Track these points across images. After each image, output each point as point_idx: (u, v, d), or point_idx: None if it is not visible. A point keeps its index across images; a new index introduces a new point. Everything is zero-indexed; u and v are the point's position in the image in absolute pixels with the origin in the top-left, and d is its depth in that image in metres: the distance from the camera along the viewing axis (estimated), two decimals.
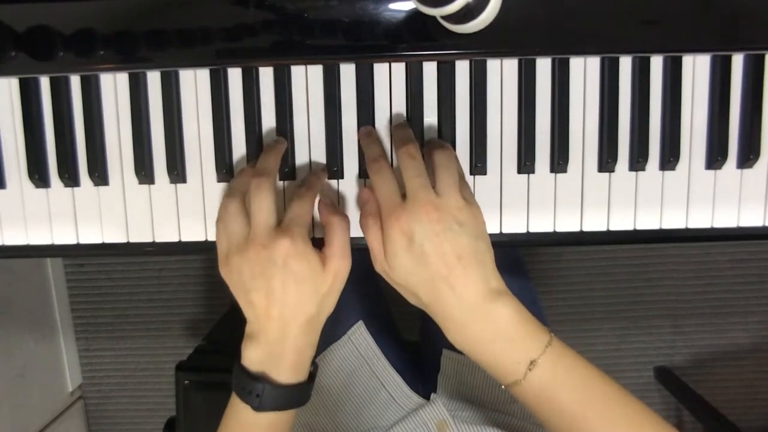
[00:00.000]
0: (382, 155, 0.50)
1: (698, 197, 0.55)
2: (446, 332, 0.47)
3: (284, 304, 0.46)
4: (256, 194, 0.47)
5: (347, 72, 0.54)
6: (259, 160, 0.51)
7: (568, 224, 0.55)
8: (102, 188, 0.56)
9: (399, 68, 0.54)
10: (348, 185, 0.55)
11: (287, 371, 0.47)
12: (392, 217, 0.45)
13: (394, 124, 0.54)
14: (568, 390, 0.44)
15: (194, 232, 0.56)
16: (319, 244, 0.50)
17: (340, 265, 0.48)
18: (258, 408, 0.47)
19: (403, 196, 0.47)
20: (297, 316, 0.47)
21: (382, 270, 0.48)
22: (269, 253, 0.46)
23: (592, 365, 0.46)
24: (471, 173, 0.54)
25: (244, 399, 0.47)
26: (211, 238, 0.56)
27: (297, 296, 0.46)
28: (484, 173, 0.54)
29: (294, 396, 0.48)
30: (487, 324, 0.45)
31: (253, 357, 0.48)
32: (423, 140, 0.54)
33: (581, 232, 0.55)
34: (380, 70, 0.54)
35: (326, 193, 0.54)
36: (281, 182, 0.55)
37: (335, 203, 0.54)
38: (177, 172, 0.55)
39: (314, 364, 0.51)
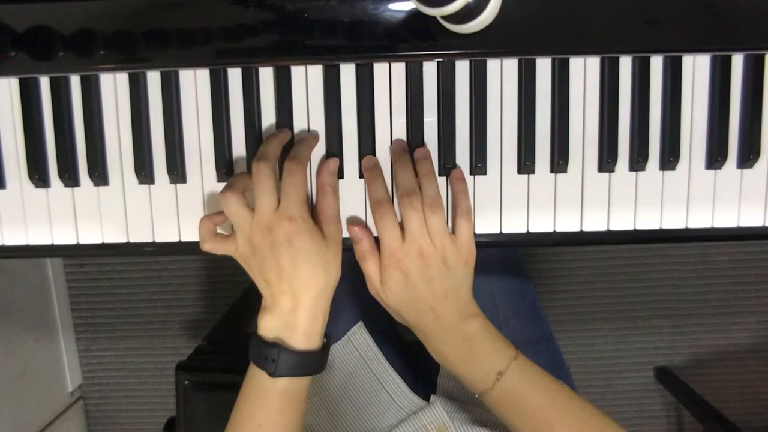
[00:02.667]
0: (386, 199, 0.53)
1: (698, 197, 0.55)
2: (427, 347, 0.54)
3: (296, 279, 0.49)
4: (258, 178, 0.49)
5: (347, 72, 0.54)
6: (261, 147, 0.52)
7: (568, 224, 0.55)
8: (102, 188, 0.56)
9: (399, 68, 0.54)
10: (348, 185, 0.55)
11: (301, 337, 0.50)
12: (393, 258, 0.51)
13: (393, 151, 0.54)
14: (531, 398, 0.51)
15: (194, 232, 0.56)
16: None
17: (331, 228, 0.52)
18: (274, 373, 0.49)
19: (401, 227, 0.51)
20: (309, 288, 0.50)
21: (375, 294, 0.54)
22: (273, 236, 0.49)
23: (554, 378, 0.52)
24: (471, 173, 0.54)
25: (261, 365, 0.49)
26: None
27: (307, 270, 0.49)
28: (484, 173, 0.54)
29: (308, 362, 0.51)
30: (461, 341, 0.52)
31: (269, 326, 0.50)
32: (422, 140, 0.54)
33: (581, 232, 0.55)
34: (380, 70, 0.54)
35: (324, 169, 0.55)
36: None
37: (336, 167, 0.55)
38: (177, 172, 0.55)
39: (327, 336, 0.54)
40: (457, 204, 0.53)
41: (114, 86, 0.55)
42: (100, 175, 0.55)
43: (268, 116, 0.54)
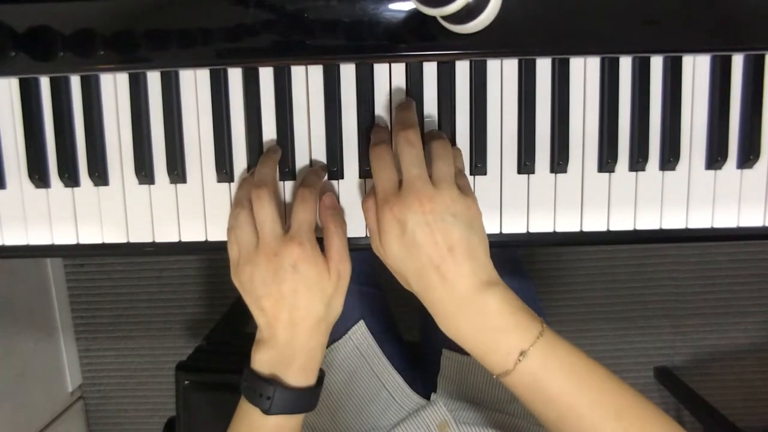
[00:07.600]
0: (385, 141, 0.49)
1: (698, 197, 0.55)
2: (436, 320, 0.46)
3: (294, 308, 0.48)
4: (258, 206, 0.49)
5: (347, 72, 0.54)
6: (256, 172, 0.51)
7: (568, 224, 0.55)
8: (102, 188, 0.56)
9: (399, 68, 0.54)
10: (348, 185, 0.55)
11: (297, 374, 0.49)
12: (387, 205, 0.45)
13: (396, 103, 0.53)
14: (558, 381, 0.44)
15: (194, 232, 0.56)
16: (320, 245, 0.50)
17: (341, 266, 0.50)
18: (268, 411, 0.47)
19: (400, 181, 0.46)
20: (306, 318, 0.48)
21: (377, 251, 0.48)
22: (279, 260, 0.47)
23: (586, 356, 0.45)
24: (471, 173, 0.54)
25: (255, 402, 0.48)
26: (211, 238, 0.56)
27: (307, 299, 0.48)
28: (484, 173, 0.54)
29: (303, 399, 0.49)
30: (476, 314, 0.44)
31: (263, 360, 0.49)
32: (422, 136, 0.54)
33: (581, 232, 0.55)
34: (380, 70, 0.54)
35: (326, 191, 0.54)
36: (282, 182, 0.55)
37: (335, 202, 0.54)
38: (177, 172, 0.55)
39: (321, 370, 0.52)
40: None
41: (114, 86, 0.55)
42: (100, 175, 0.55)
43: (269, 116, 0.54)
